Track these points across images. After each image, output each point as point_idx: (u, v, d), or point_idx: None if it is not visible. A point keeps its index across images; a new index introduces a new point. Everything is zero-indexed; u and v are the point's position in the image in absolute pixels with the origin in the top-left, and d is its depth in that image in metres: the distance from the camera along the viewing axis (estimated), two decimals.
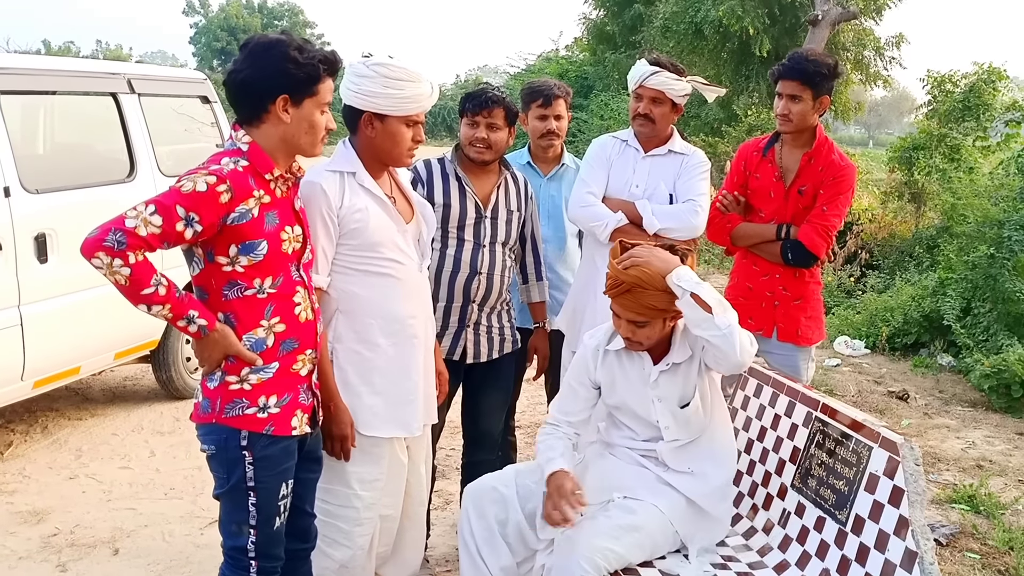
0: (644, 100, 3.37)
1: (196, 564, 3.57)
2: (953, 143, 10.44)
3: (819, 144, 3.45)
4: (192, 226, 2.11)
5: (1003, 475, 4.76)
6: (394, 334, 2.72)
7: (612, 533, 2.58)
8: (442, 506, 4.12)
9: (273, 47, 2.21)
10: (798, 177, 3.45)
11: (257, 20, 57.25)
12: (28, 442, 4.86)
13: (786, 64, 3.40)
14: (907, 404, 5.98)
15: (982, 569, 3.68)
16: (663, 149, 3.44)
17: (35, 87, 4.59)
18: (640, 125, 3.41)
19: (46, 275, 4.26)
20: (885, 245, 9.82)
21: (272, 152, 2.26)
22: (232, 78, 2.24)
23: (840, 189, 3.42)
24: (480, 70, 50.14)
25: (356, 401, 2.69)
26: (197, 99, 5.75)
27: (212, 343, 2.22)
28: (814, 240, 3.39)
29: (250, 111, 2.25)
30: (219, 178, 2.13)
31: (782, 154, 3.51)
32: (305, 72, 2.22)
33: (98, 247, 2.04)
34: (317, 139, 2.31)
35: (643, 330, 2.67)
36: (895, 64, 17.73)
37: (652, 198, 3.37)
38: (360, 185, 2.65)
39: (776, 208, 3.49)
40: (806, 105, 3.36)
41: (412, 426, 2.81)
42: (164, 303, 2.12)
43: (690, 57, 17.45)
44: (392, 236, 2.68)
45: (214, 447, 2.28)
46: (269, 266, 2.25)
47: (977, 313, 6.77)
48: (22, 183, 4.17)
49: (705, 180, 3.43)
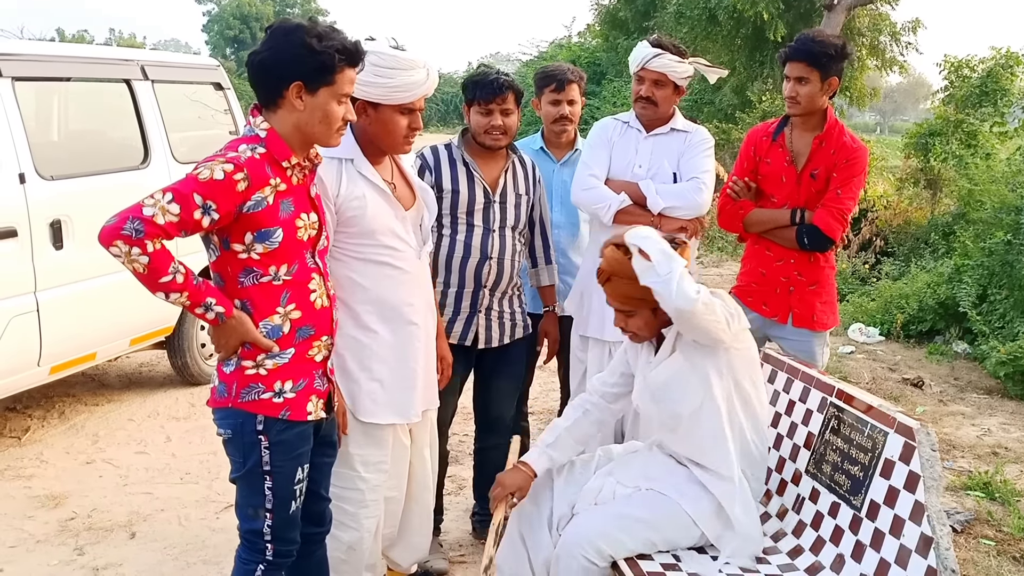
0: (646, 83, 3.34)
1: (212, 548, 3.60)
2: (970, 129, 10.34)
3: (830, 127, 3.41)
4: (209, 214, 2.11)
5: (1019, 462, 4.73)
6: (391, 320, 2.72)
7: (623, 524, 2.60)
8: (456, 491, 4.14)
9: (293, 32, 2.20)
10: (810, 161, 3.42)
11: (270, 8, 57.20)
12: (45, 427, 4.90)
13: (792, 46, 3.38)
14: (922, 391, 5.95)
15: (997, 555, 3.66)
16: (665, 128, 3.41)
17: (49, 74, 4.60)
18: (642, 108, 3.39)
19: (61, 261, 4.28)
20: (900, 232, 9.74)
21: (288, 139, 2.25)
22: (252, 60, 2.24)
23: (853, 172, 3.39)
24: (492, 57, 50.07)
25: (354, 387, 2.70)
26: (210, 86, 5.76)
27: (229, 330, 2.22)
28: (830, 224, 3.36)
29: (267, 95, 2.24)
30: (236, 166, 2.13)
31: (792, 138, 3.48)
32: (319, 60, 2.19)
33: (116, 235, 2.04)
34: (332, 129, 2.28)
35: (632, 319, 2.68)
36: (911, 49, 17.53)
37: (656, 177, 3.34)
38: (358, 172, 2.64)
39: (789, 193, 3.47)
40: (814, 87, 3.33)
41: (409, 412, 2.82)
42: (182, 291, 2.12)
43: (704, 43, 17.30)
44: (390, 223, 2.67)
45: (230, 431, 2.29)
46: (284, 253, 2.25)
47: (993, 300, 6.71)
48: (37, 170, 4.19)
49: (709, 157, 3.40)
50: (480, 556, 3.57)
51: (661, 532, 2.62)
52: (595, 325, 3.43)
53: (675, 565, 2.58)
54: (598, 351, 3.45)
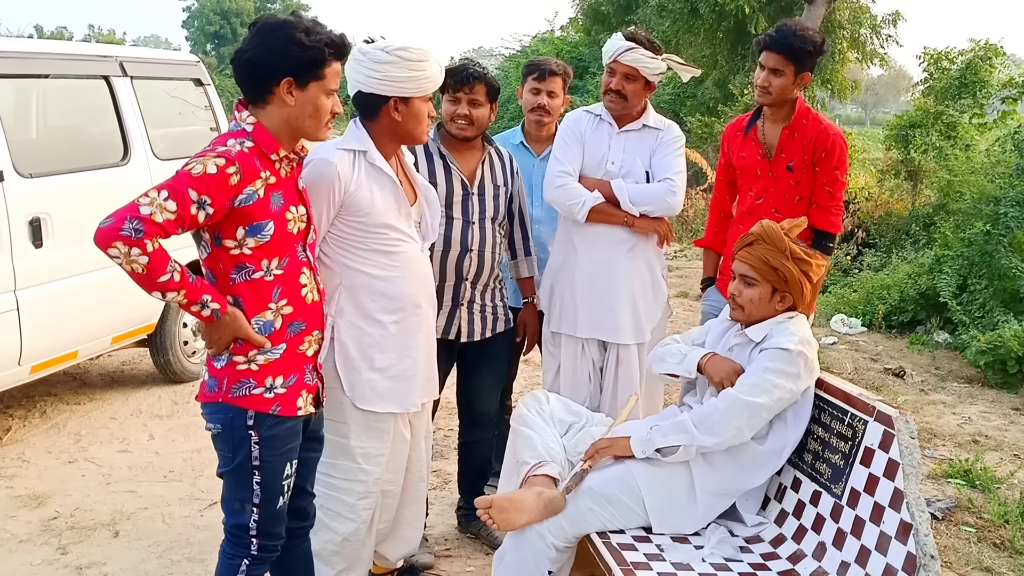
0: (617, 75, 3.30)
1: (196, 545, 3.59)
2: (949, 120, 10.41)
3: (798, 116, 3.41)
4: (204, 209, 2.10)
5: (999, 450, 4.78)
6: (396, 312, 2.74)
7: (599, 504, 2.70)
8: (440, 486, 4.14)
9: (281, 28, 2.20)
10: (782, 152, 3.43)
11: (250, 3, 56.83)
12: (27, 427, 4.87)
13: (773, 36, 3.35)
14: (903, 381, 6.00)
15: (978, 542, 3.71)
16: (637, 124, 3.39)
17: (27, 71, 4.55)
18: (611, 101, 3.34)
19: (41, 259, 4.24)
20: (881, 223, 9.82)
21: (276, 133, 2.26)
22: (239, 57, 2.23)
23: (836, 163, 3.40)
24: (475, 52, 49.88)
25: (355, 376, 2.71)
26: (190, 82, 5.72)
27: (223, 326, 2.22)
28: (831, 221, 3.44)
29: (255, 91, 2.24)
30: (228, 160, 2.13)
31: (764, 130, 3.49)
32: (310, 55, 2.21)
33: (115, 236, 2.02)
34: (321, 123, 2.31)
35: (750, 290, 2.75)
36: (891, 42, 17.59)
37: (628, 175, 3.33)
38: (371, 164, 2.66)
39: (764, 186, 3.48)
40: (787, 80, 3.33)
41: (408, 402, 2.83)
42: (179, 289, 2.12)
43: (686, 37, 17.33)
44: (398, 216, 2.70)
45: (220, 426, 2.30)
46: (276, 246, 2.25)
47: (973, 290, 6.78)
48: (15, 167, 4.15)
49: (681, 156, 3.40)
50: (465, 551, 3.60)
51: (612, 505, 2.69)
52: (567, 321, 3.43)
53: (659, 555, 2.60)
54: (571, 346, 3.45)
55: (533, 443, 2.88)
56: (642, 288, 3.40)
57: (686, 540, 2.69)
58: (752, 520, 2.77)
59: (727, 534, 2.72)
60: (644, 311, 3.40)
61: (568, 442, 2.96)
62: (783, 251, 2.71)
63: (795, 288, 2.73)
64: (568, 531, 2.66)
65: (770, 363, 2.64)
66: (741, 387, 2.65)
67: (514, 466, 2.95)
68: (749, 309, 2.76)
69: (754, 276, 2.74)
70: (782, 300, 2.76)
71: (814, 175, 3.42)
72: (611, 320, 3.37)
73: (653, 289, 3.43)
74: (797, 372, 2.63)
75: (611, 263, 3.34)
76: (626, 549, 2.60)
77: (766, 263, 2.71)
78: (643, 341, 3.40)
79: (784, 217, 3.09)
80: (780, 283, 2.72)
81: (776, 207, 3.42)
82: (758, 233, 2.76)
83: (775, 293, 2.74)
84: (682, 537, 2.70)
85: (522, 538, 2.68)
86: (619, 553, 2.57)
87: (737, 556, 2.63)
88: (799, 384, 2.66)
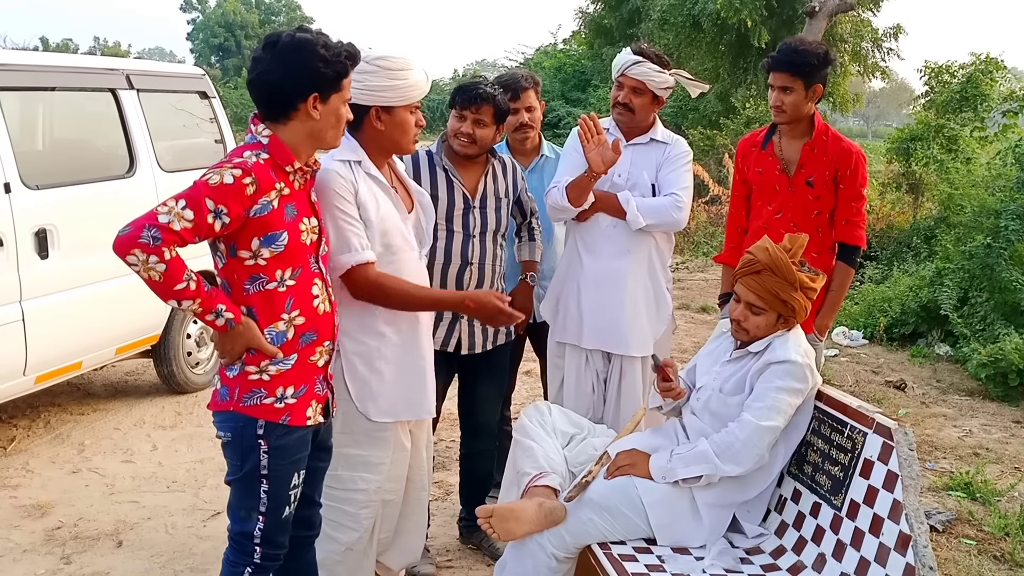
0: (625, 89, 3.35)
1: (199, 556, 3.60)
2: (951, 134, 10.43)
3: (819, 132, 3.45)
4: (221, 218, 2.14)
5: (999, 462, 4.79)
6: (397, 322, 2.75)
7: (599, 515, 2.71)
8: (442, 497, 4.15)
9: (303, 47, 2.23)
10: (803, 168, 3.45)
11: (255, 16, 57.17)
12: (31, 437, 4.89)
13: (776, 56, 3.41)
14: (904, 393, 6.01)
15: (978, 555, 3.71)
16: (645, 138, 3.42)
17: (34, 83, 4.60)
18: (619, 114, 3.39)
19: (47, 270, 4.27)
20: (883, 236, 9.83)
21: (297, 146, 2.30)
22: (262, 79, 2.26)
23: (859, 180, 3.45)
24: (478, 64, 50.06)
25: (364, 389, 2.73)
26: (196, 95, 5.76)
27: (236, 336, 2.25)
28: (857, 235, 3.48)
29: (278, 110, 2.28)
30: (244, 170, 2.17)
31: (782, 145, 3.52)
32: (335, 70, 2.27)
33: (133, 244, 2.06)
34: (340, 131, 2.38)
35: (756, 318, 2.76)
36: (893, 55, 17.71)
37: (635, 188, 3.36)
38: (367, 173, 2.68)
39: (783, 201, 3.49)
40: (798, 95, 3.37)
41: (421, 410, 2.85)
42: (195, 298, 2.15)
43: (688, 50, 17.43)
44: (397, 224, 2.72)
45: (230, 434, 2.32)
46: (290, 256, 2.28)
47: (974, 303, 6.79)
48: (22, 179, 4.18)
49: (688, 172, 3.42)
50: (466, 561, 3.61)
51: (612, 516, 2.70)
52: (572, 331, 3.45)
53: (660, 566, 2.61)
54: (576, 357, 3.47)
55: (534, 454, 2.90)
56: (647, 300, 3.42)
57: (687, 551, 2.70)
58: (753, 531, 2.79)
59: (727, 545, 2.74)
60: (649, 323, 3.42)
61: (569, 453, 2.98)
62: (793, 283, 2.71)
63: (800, 315, 2.78)
64: (569, 542, 2.68)
65: (780, 381, 2.67)
66: (756, 412, 2.66)
67: (515, 477, 2.97)
68: (754, 334, 2.79)
69: (762, 306, 2.75)
70: (785, 323, 2.79)
71: (833, 191, 3.45)
72: (616, 332, 3.39)
73: (658, 302, 3.45)
74: (804, 383, 2.70)
75: (617, 274, 3.36)
76: (627, 560, 2.61)
77: (775, 296, 2.72)
78: (647, 354, 3.42)
79: (801, 231, 3.08)
80: (787, 312, 2.75)
81: (795, 221, 3.43)
82: (766, 263, 2.74)
83: (780, 319, 2.78)
84: (683, 548, 2.71)
85: (523, 549, 2.70)
86: (620, 564, 2.58)
87: (737, 567, 2.64)
88: (805, 394, 2.72)
